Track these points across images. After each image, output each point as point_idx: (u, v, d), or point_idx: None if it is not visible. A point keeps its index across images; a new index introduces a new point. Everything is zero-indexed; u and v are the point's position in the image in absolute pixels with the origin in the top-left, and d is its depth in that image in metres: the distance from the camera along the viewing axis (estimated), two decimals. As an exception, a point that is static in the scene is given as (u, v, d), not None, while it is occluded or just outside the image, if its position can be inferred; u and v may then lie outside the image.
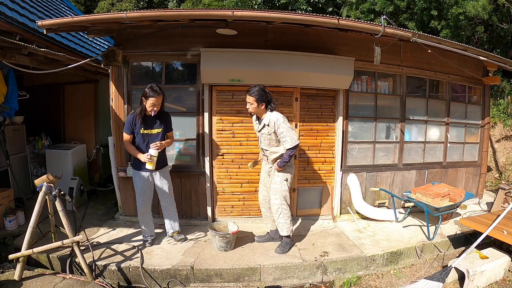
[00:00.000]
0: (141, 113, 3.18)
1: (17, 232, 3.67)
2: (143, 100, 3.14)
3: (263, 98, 3.14)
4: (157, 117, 3.25)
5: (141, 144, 3.26)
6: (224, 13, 3.24)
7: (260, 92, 3.14)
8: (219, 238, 3.37)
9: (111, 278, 3.05)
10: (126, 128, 3.25)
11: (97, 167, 5.58)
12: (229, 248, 3.43)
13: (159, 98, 3.13)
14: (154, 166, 3.20)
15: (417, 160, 4.81)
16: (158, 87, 3.14)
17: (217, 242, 3.41)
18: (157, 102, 3.11)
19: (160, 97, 3.13)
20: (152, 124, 3.26)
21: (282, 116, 3.18)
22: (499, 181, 6.38)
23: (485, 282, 3.06)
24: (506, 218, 3.46)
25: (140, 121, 3.20)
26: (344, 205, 4.40)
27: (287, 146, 3.13)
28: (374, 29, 3.50)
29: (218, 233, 3.39)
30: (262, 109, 3.20)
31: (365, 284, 3.24)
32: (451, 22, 7.31)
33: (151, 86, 3.12)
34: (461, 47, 4.08)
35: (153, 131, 3.27)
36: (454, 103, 5.08)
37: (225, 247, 3.40)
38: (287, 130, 3.11)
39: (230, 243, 3.42)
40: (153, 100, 3.09)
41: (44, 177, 2.97)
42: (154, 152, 3.15)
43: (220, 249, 3.40)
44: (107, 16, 3.36)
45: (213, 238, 3.45)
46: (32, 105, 5.23)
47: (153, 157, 3.15)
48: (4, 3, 4.21)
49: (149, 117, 3.23)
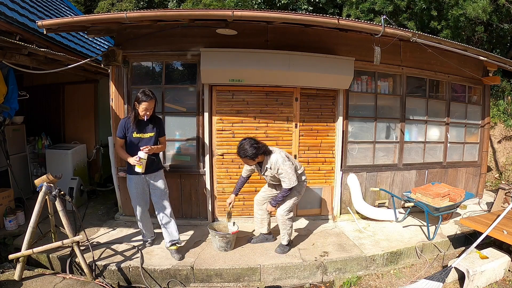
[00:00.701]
0: (135, 118, 3.17)
1: (17, 232, 3.67)
2: (135, 104, 3.12)
3: (256, 154, 3.08)
4: (149, 121, 3.23)
5: (133, 148, 3.20)
6: (224, 13, 3.25)
7: (251, 151, 3.05)
8: (219, 238, 3.37)
9: (111, 278, 3.05)
10: (119, 132, 3.23)
11: (97, 167, 5.58)
12: (229, 248, 3.43)
13: (151, 102, 3.11)
14: (143, 169, 3.14)
15: (417, 160, 4.82)
16: (150, 91, 3.12)
17: (217, 242, 3.40)
18: (149, 106, 3.10)
19: (152, 101, 3.11)
20: (144, 128, 3.24)
21: (281, 156, 3.16)
22: (499, 181, 6.38)
23: (485, 282, 3.06)
24: (506, 218, 3.47)
25: (133, 125, 3.19)
26: (344, 205, 4.40)
27: (285, 186, 3.16)
28: (374, 29, 3.50)
29: (218, 233, 3.39)
30: (259, 158, 3.18)
31: (365, 284, 3.24)
32: (451, 23, 7.31)
33: (143, 90, 3.11)
34: (461, 47, 4.08)
35: (146, 135, 3.25)
36: (454, 103, 5.08)
37: (225, 247, 3.40)
38: (286, 172, 3.11)
39: (230, 243, 3.42)
40: (146, 105, 3.07)
41: (44, 177, 2.97)
42: (143, 155, 3.10)
43: (220, 249, 3.40)
44: (107, 16, 3.36)
45: (213, 238, 3.44)
46: (32, 105, 5.23)
47: (142, 159, 3.10)
48: (4, 3, 4.21)
49: (141, 121, 3.21)
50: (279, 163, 3.12)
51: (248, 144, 3.07)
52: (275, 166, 3.14)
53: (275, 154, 3.19)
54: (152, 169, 3.28)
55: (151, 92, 3.12)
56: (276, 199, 3.27)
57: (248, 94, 4.03)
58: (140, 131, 3.23)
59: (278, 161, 3.13)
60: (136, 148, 3.19)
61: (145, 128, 3.24)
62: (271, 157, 3.18)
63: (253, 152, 3.06)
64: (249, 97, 4.04)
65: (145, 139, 3.24)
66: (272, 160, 3.16)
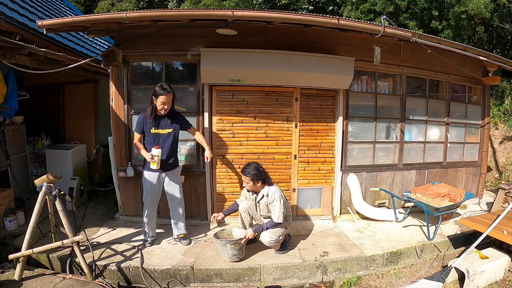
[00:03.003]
0: (152, 112, 3.18)
1: (17, 232, 3.67)
2: (153, 99, 3.14)
3: (258, 177, 3.19)
4: (168, 116, 3.24)
5: (151, 143, 3.25)
6: (224, 13, 3.24)
7: (255, 171, 3.18)
8: (231, 246, 3.11)
9: (111, 278, 3.05)
10: (137, 127, 3.29)
11: (97, 167, 5.58)
12: (242, 255, 3.21)
13: (169, 96, 3.12)
14: (158, 166, 3.19)
15: (417, 160, 4.81)
16: (168, 85, 3.14)
17: (228, 251, 3.13)
18: (167, 100, 3.11)
19: (170, 95, 3.12)
20: (162, 124, 3.25)
21: (280, 192, 3.25)
22: (499, 181, 6.38)
23: (485, 282, 3.06)
24: (506, 218, 3.46)
25: (151, 120, 3.20)
26: (344, 205, 4.40)
27: (274, 219, 3.20)
28: (374, 29, 3.50)
29: (230, 240, 3.13)
30: (259, 186, 3.24)
31: (365, 284, 3.24)
32: (452, 22, 7.30)
33: (161, 84, 3.13)
34: (461, 47, 4.08)
35: (164, 131, 3.25)
36: (454, 103, 5.08)
37: (238, 254, 3.17)
38: (279, 207, 3.18)
39: (242, 249, 3.21)
40: (163, 98, 3.08)
41: (44, 177, 2.97)
42: (156, 152, 3.14)
43: (233, 258, 3.15)
44: (107, 16, 3.36)
45: (223, 248, 3.15)
46: (32, 105, 5.23)
47: (155, 156, 3.14)
48: (4, 3, 4.21)
49: (160, 116, 3.23)
50: (276, 196, 3.21)
51: (255, 167, 3.22)
52: (272, 196, 3.22)
53: (275, 187, 3.29)
54: (167, 167, 3.31)
55: (168, 86, 3.13)
56: (260, 228, 3.22)
57: (248, 94, 4.03)
58: (158, 127, 3.24)
59: (276, 193, 3.22)
60: (153, 143, 3.23)
61: (164, 124, 3.25)
62: (271, 188, 3.27)
63: (256, 173, 3.17)
64: (249, 97, 4.04)
65: (163, 135, 3.25)
66: (271, 190, 3.25)
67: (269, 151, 4.14)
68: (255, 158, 4.08)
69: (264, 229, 3.21)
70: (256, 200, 3.36)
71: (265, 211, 3.37)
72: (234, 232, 3.45)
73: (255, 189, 3.29)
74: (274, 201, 3.20)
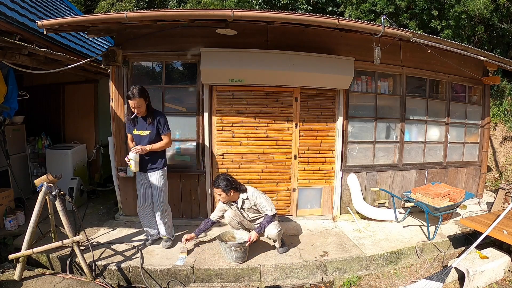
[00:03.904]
0: (129, 114, 3.26)
1: (17, 232, 3.67)
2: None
3: (228, 187, 3.18)
4: (146, 118, 3.25)
5: (136, 144, 3.30)
6: (224, 13, 3.24)
7: (225, 182, 3.18)
8: (236, 249, 3.10)
9: (111, 278, 3.05)
10: (126, 127, 3.39)
11: (97, 167, 5.58)
12: (246, 258, 3.21)
13: (136, 101, 3.09)
14: (136, 168, 3.23)
15: (417, 160, 4.81)
16: (139, 90, 3.08)
17: (233, 254, 3.12)
18: (135, 104, 3.11)
19: (136, 99, 3.08)
20: (141, 125, 3.28)
21: (257, 190, 3.33)
22: (499, 181, 6.38)
23: (485, 282, 3.06)
24: (506, 218, 3.46)
25: (131, 122, 3.27)
26: (344, 205, 4.40)
27: (268, 213, 3.24)
28: (374, 29, 3.50)
29: (235, 243, 3.13)
30: (232, 195, 3.25)
31: (365, 284, 3.24)
32: (452, 22, 7.30)
33: (132, 88, 3.11)
34: (461, 47, 4.08)
35: (143, 132, 3.27)
36: (454, 103, 5.08)
37: (242, 257, 3.17)
38: (265, 200, 3.28)
39: (246, 252, 3.21)
40: (131, 103, 3.12)
41: (44, 177, 2.97)
42: (133, 155, 3.15)
43: (237, 261, 3.14)
44: (107, 16, 3.36)
45: (227, 251, 3.14)
46: (32, 105, 5.23)
47: (130, 159, 3.15)
48: (4, 3, 4.21)
49: (140, 118, 3.26)
50: (256, 195, 3.28)
51: (223, 177, 3.23)
52: (253, 196, 3.28)
53: (252, 188, 3.35)
54: (147, 168, 3.33)
55: (139, 90, 3.08)
56: (261, 227, 3.23)
57: (248, 94, 4.03)
58: (138, 128, 3.28)
59: (255, 193, 3.29)
60: (138, 144, 3.28)
61: (142, 125, 3.28)
62: (248, 190, 3.31)
63: (225, 183, 3.17)
64: (249, 97, 4.04)
65: (143, 136, 3.29)
66: (249, 192, 3.30)
67: (269, 151, 4.14)
68: (255, 158, 4.08)
69: (265, 225, 3.23)
70: (239, 208, 3.35)
71: (252, 214, 3.39)
72: (236, 234, 3.44)
73: (231, 198, 3.28)
74: (258, 199, 3.27)
